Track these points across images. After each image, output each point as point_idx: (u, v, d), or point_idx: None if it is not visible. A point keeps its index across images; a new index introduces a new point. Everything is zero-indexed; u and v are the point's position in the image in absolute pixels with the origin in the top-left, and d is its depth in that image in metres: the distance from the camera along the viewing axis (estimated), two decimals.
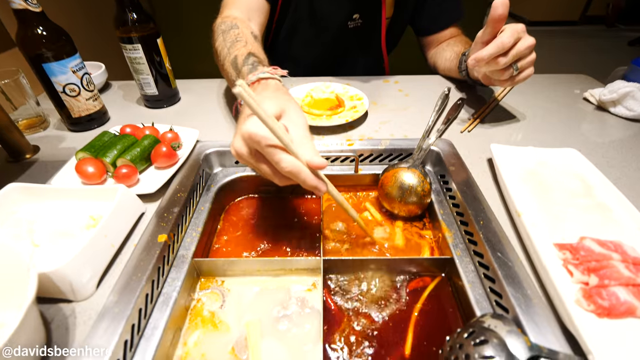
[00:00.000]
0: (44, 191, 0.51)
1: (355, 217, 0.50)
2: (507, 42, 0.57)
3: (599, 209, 0.47)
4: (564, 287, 0.37)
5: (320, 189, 0.41)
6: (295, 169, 0.38)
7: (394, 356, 0.41)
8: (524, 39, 0.58)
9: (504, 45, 0.57)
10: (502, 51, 0.58)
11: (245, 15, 0.75)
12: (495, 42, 0.58)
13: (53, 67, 0.62)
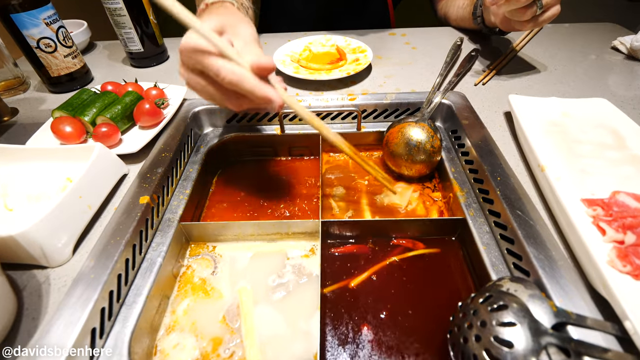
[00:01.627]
0: (18, 152, 0.47)
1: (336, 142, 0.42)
2: None
3: (634, 161, 0.42)
4: (595, 247, 0.32)
5: (273, 98, 0.33)
6: (237, 76, 0.32)
7: (399, 326, 0.38)
8: None
9: None
10: None
11: None
12: None
13: (22, 19, 0.56)
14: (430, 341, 0.36)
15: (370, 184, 0.54)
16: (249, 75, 0.32)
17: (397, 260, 0.44)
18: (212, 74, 0.33)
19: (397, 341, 0.36)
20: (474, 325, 0.30)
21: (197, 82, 0.35)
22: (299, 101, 0.58)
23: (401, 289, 0.41)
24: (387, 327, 0.38)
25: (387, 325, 0.38)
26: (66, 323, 0.31)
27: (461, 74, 0.63)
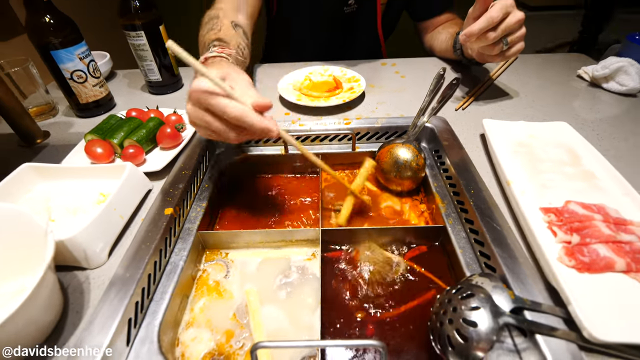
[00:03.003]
0: (57, 171, 0.54)
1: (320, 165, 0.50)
2: (496, 16, 0.58)
3: (585, 177, 0.49)
4: (547, 246, 0.39)
5: (271, 129, 0.41)
6: (240, 113, 0.39)
7: (391, 318, 0.44)
8: (513, 14, 0.60)
9: (493, 20, 0.58)
10: (491, 25, 0.59)
11: (234, 6, 0.76)
12: (485, 17, 0.59)
13: (61, 55, 0.64)
14: (416, 329, 0.42)
15: None
16: (251, 111, 0.40)
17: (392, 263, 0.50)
18: (219, 111, 0.40)
19: (388, 331, 0.43)
20: (448, 311, 0.36)
21: (202, 118, 0.42)
22: (299, 124, 0.66)
23: (393, 287, 0.47)
24: (380, 320, 0.44)
25: (380, 318, 0.44)
26: (108, 314, 0.38)
27: (443, 101, 0.71)
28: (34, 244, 0.39)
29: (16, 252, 0.40)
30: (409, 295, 0.46)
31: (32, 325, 0.35)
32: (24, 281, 0.41)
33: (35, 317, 0.35)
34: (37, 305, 0.34)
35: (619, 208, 0.44)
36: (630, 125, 0.65)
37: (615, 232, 0.40)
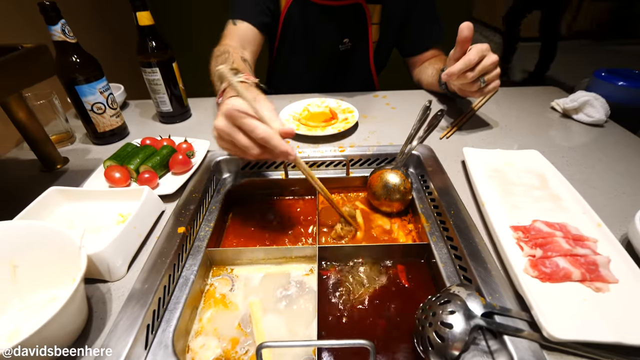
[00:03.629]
0: (80, 193, 0.59)
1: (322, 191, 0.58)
2: (473, 59, 0.67)
3: (551, 199, 0.56)
4: (515, 259, 0.45)
5: (290, 153, 0.48)
6: (268, 135, 0.45)
7: (381, 326, 0.49)
8: (488, 57, 0.68)
9: (470, 62, 0.67)
10: (469, 67, 0.68)
11: (240, 44, 0.86)
12: (463, 59, 0.67)
13: (84, 89, 0.72)
14: (403, 335, 0.47)
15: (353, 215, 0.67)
16: (276, 135, 0.46)
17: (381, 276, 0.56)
18: (249, 130, 0.46)
19: (380, 337, 0.47)
20: (428, 316, 0.41)
21: (231, 134, 0.48)
22: (298, 151, 0.73)
23: (383, 298, 0.53)
24: (372, 327, 0.49)
25: (372, 326, 0.49)
26: (129, 321, 0.42)
27: (429, 130, 0.79)
28: (64, 258, 0.44)
29: (48, 266, 0.45)
30: (397, 305, 0.51)
31: (63, 329, 0.39)
32: (54, 292, 0.46)
33: (66, 323, 0.40)
34: (69, 313, 0.39)
35: (579, 226, 0.50)
36: (596, 153, 0.72)
37: (573, 246, 0.46)
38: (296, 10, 0.97)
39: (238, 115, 0.46)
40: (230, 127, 0.48)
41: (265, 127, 0.46)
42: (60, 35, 0.66)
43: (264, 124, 0.46)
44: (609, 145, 0.75)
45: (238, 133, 0.48)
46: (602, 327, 0.38)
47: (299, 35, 1.01)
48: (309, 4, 0.95)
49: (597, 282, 0.42)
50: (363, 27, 0.99)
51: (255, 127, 0.45)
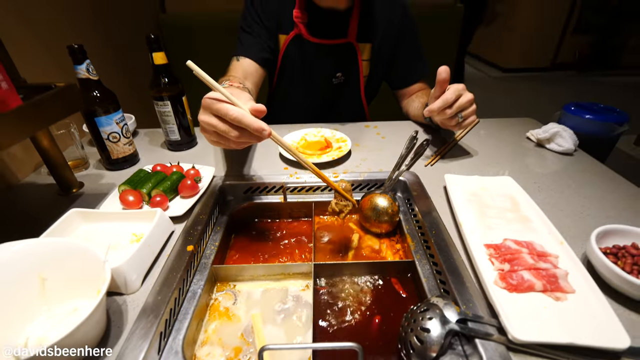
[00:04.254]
0: (97, 215, 0.66)
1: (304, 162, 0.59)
2: (450, 97, 0.76)
3: (521, 220, 0.63)
4: (487, 273, 0.52)
5: (265, 128, 0.51)
6: (240, 114, 0.50)
7: (371, 334, 0.54)
8: (464, 95, 0.77)
9: (448, 101, 0.76)
10: (447, 104, 0.76)
11: (242, 75, 0.95)
12: (442, 98, 0.76)
13: (102, 120, 0.79)
14: (390, 342, 0.53)
15: (343, 233, 0.74)
16: (248, 114, 0.51)
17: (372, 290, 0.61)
18: (223, 113, 0.51)
19: (369, 344, 0.53)
20: (410, 323, 0.47)
21: (209, 122, 0.53)
22: (296, 177, 0.80)
23: (373, 310, 0.58)
24: (363, 334, 0.54)
25: (362, 333, 0.54)
26: (145, 329, 0.48)
27: (415, 158, 0.86)
28: (87, 272, 0.50)
29: (73, 279, 0.51)
30: (385, 316, 0.57)
31: (87, 335, 0.44)
32: (76, 303, 0.51)
33: (90, 329, 0.45)
34: (94, 320, 0.44)
35: (544, 244, 0.57)
36: (565, 179, 0.80)
37: (536, 261, 0.52)
38: (294, 48, 1.07)
39: (212, 102, 0.52)
40: (209, 116, 0.54)
41: (236, 108, 0.51)
42: (84, 73, 0.74)
43: (236, 107, 0.52)
44: (577, 172, 0.83)
45: (215, 119, 0.53)
46: (559, 331, 0.44)
47: (297, 70, 1.11)
48: (306, 42, 1.05)
49: (556, 292, 0.49)
50: (354, 63, 1.09)
51: (228, 109, 0.51)
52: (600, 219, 0.67)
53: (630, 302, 0.50)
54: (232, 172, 0.85)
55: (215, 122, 0.53)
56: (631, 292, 0.49)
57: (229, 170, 0.86)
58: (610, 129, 0.94)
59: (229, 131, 0.53)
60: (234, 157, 0.92)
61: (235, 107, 0.52)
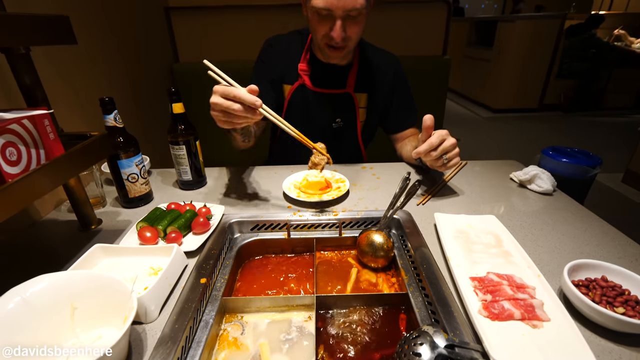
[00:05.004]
0: (118, 250, 0.72)
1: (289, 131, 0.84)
2: (435, 142, 0.85)
3: (503, 255, 0.70)
4: (472, 303, 0.58)
5: (256, 101, 0.71)
6: (240, 92, 0.71)
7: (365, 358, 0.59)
8: (447, 140, 0.87)
9: (432, 144, 0.85)
10: (432, 148, 0.86)
11: None
12: (427, 142, 0.86)
13: (123, 163, 0.88)
14: None
15: (342, 268, 0.79)
16: (245, 92, 0.71)
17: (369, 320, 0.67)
18: (227, 92, 0.71)
19: None
20: (403, 349, 0.52)
21: (218, 102, 0.72)
22: (299, 215, 0.88)
23: (371, 338, 0.63)
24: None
25: None
26: (164, 355, 0.53)
27: (408, 198, 0.95)
28: (113, 302, 0.55)
29: (99, 308, 0.56)
30: (382, 344, 0.62)
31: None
32: (100, 331, 0.56)
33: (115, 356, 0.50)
34: (119, 347, 0.50)
35: (523, 277, 0.63)
36: (545, 218, 0.88)
37: (515, 292, 0.58)
38: (298, 96, 1.19)
39: (220, 87, 0.73)
40: (217, 97, 0.72)
41: (237, 90, 0.71)
42: (112, 122, 0.84)
43: (236, 89, 0.72)
44: (556, 211, 0.91)
45: (221, 99, 0.72)
46: (536, 355, 0.49)
47: (300, 115, 1.22)
48: (309, 91, 1.17)
49: (533, 320, 0.55)
50: (352, 110, 1.20)
51: (231, 90, 0.71)
52: (575, 254, 0.74)
53: (600, 329, 0.56)
54: (241, 210, 0.92)
55: (222, 101, 0.72)
56: (600, 321, 0.55)
57: (238, 208, 0.93)
58: (585, 171, 1.04)
59: (231, 105, 0.71)
60: (242, 196, 1.00)
61: (236, 89, 0.72)
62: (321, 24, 0.99)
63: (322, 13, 0.95)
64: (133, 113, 1.49)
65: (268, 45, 1.21)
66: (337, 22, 0.95)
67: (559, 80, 5.08)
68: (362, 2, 0.93)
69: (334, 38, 0.98)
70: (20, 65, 0.64)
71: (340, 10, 0.93)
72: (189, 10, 1.83)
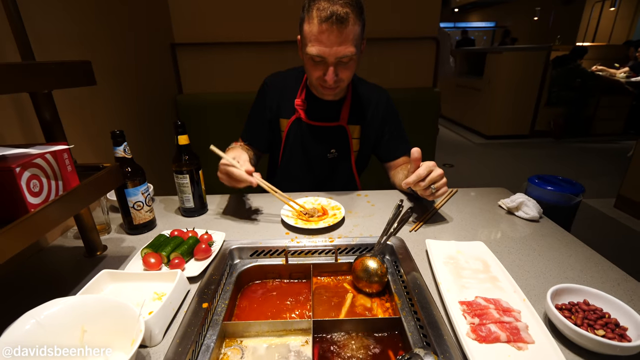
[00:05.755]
0: (124, 275, 0.75)
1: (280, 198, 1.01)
2: (422, 173, 0.91)
3: (491, 280, 0.73)
4: (461, 326, 0.61)
5: (253, 182, 0.94)
6: (239, 174, 0.92)
7: None
8: (434, 171, 0.93)
9: (420, 175, 0.91)
10: (420, 179, 0.91)
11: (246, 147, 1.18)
12: (415, 174, 0.92)
13: (130, 192, 0.92)
14: None
15: (338, 293, 0.83)
16: (244, 173, 0.90)
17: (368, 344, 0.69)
18: (230, 173, 0.92)
19: None
20: None
21: (223, 178, 0.97)
22: (297, 241, 0.92)
23: None
24: None
25: None
26: None
27: (401, 224, 0.99)
28: (121, 325, 0.58)
29: (107, 331, 0.59)
30: None
31: None
32: (107, 353, 0.59)
33: None
34: None
35: (509, 300, 0.67)
36: (531, 244, 0.92)
37: (501, 316, 0.62)
38: (294, 129, 1.26)
39: (224, 167, 0.95)
40: (222, 174, 0.97)
41: (237, 170, 0.93)
42: (121, 153, 0.89)
43: (237, 169, 0.92)
44: (542, 237, 0.95)
45: (224, 176, 0.96)
46: None
47: (297, 147, 1.28)
48: (304, 124, 1.24)
49: (519, 343, 0.58)
50: (346, 141, 1.27)
51: (232, 171, 0.93)
52: (559, 279, 0.78)
53: (582, 350, 0.59)
54: (241, 236, 0.96)
55: (226, 179, 0.96)
56: (582, 343, 0.58)
57: (238, 234, 0.97)
58: (569, 199, 1.09)
59: (234, 183, 0.96)
60: (242, 222, 1.04)
61: (236, 170, 0.92)
62: (315, 69, 1.08)
63: (315, 59, 1.04)
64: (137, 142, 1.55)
65: (265, 84, 1.31)
66: (329, 68, 1.04)
67: (548, 108, 5.27)
68: (352, 50, 1.01)
69: (327, 81, 1.06)
70: (42, 103, 0.70)
71: (332, 58, 1.02)
72: (192, 46, 1.94)
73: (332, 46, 0.99)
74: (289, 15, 1.75)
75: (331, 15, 0.95)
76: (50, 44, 1.03)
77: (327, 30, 0.97)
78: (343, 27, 0.97)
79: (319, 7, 0.97)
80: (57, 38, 1.06)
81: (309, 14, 1.00)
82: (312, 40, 1.01)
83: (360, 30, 1.03)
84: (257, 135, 1.31)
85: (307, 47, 1.03)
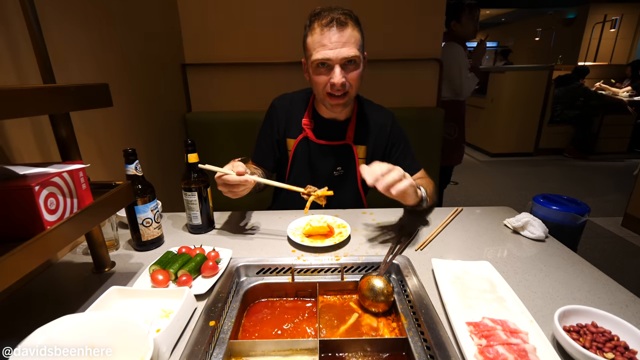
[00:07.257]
0: (132, 292, 0.76)
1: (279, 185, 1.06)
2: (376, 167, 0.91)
3: (498, 300, 0.73)
4: (468, 348, 0.61)
5: (249, 179, 0.97)
6: (234, 179, 0.95)
7: None
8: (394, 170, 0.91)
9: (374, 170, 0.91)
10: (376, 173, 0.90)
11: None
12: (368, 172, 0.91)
13: (140, 208, 0.94)
14: None
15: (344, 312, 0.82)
16: (234, 176, 0.94)
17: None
18: (225, 179, 0.95)
19: None
20: None
21: (220, 185, 0.96)
22: (303, 260, 0.92)
23: None
24: None
25: None
26: None
27: (407, 243, 0.99)
28: (128, 343, 0.59)
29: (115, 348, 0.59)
30: None
31: None
32: None
33: None
34: None
35: (516, 322, 0.67)
36: (537, 264, 0.92)
37: (509, 337, 0.62)
38: (301, 148, 1.28)
39: (219, 179, 0.97)
40: (221, 187, 0.99)
41: (230, 176, 0.96)
42: (133, 171, 0.91)
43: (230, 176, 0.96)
44: (548, 257, 0.95)
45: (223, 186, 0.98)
46: None
47: (304, 165, 1.30)
48: (311, 143, 1.26)
49: None
50: (352, 159, 1.29)
51: (226, 179, 0.96)
52: (567, 300, 0.77)
53: None
54: (247, 254, 0.97)
55: (225, 189, 0.99)
56: None
57: (245, 252, 0.98)
58: (574, 218, 1.09)
59: (234, 190, 0.98)
60: (249, 240, 1.05)
61: (229, 176, 0.96)
62: (322, 76, 1.11)
63: (321, 66, 1.09)
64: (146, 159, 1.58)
65: (273, 105, 1.35)
66: (335, 69, 1.08)
67: (551, 126, 5.29)
68: (355, 52, 1.06)
69: (335, 84, 1.09)
70: (60, 123, 0.73)
71: (337, 59, 1.06)
72: (202, 67, 2.00)
73: (336, 48, 1.05)
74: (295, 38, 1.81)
75: (331, 20, 1.03)
76: (69, 64, 1.07)
77: (329, 34, 1.04)
78: (344, 29, 1.04)
79: (319, 18, 1.06)
80: (77, 60, 1.11)
81: (311, 27, 1.08)
82: (317, 47, 1.07)
83: (360, 37, 1.09)
84: (266, 156, 1.36)
85: (312, 56, 1.08)
